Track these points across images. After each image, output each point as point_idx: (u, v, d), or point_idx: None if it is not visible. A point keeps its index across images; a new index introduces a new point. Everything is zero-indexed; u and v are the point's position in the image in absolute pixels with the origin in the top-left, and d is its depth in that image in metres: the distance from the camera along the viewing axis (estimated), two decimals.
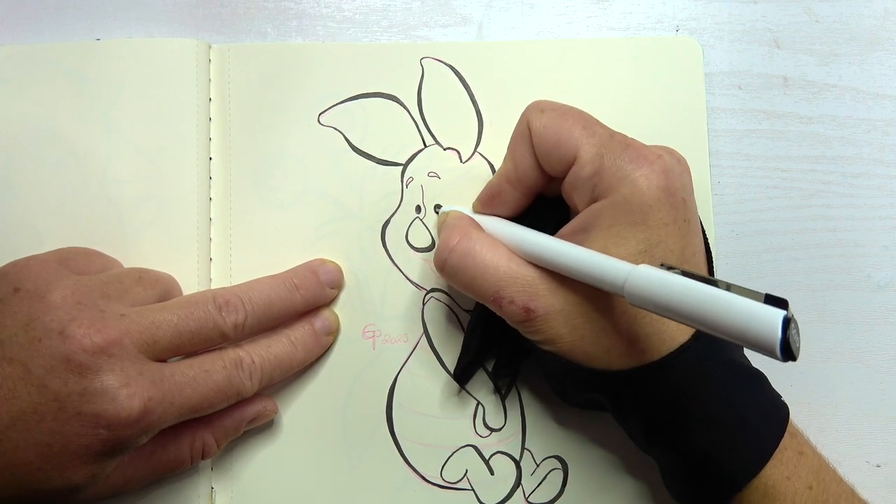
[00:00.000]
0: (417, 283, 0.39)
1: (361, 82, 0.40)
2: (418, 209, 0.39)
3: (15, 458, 0.29)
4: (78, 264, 0.35)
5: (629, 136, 0.32)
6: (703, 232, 0.33)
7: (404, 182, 0.40)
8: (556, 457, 0.39)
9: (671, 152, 0.32)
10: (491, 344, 0.37)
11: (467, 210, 0.37)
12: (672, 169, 0.31)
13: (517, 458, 0.38)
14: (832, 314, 0.40)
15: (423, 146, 0.40)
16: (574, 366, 0.32)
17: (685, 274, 0.26)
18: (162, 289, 0.35)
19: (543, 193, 0.35)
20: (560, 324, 0.31)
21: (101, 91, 0.39)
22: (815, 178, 0.41)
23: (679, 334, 0.31)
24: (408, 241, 0.39)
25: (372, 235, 0.39)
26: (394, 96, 0.40)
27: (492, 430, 0.38)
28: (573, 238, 0.31)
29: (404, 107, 0.40)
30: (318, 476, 0.38)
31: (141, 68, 0.39)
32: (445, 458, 0.38)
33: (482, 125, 0.40)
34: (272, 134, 0.39)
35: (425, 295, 0.39)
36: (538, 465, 0.38)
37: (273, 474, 0.38)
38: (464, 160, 0.40)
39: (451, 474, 0.38)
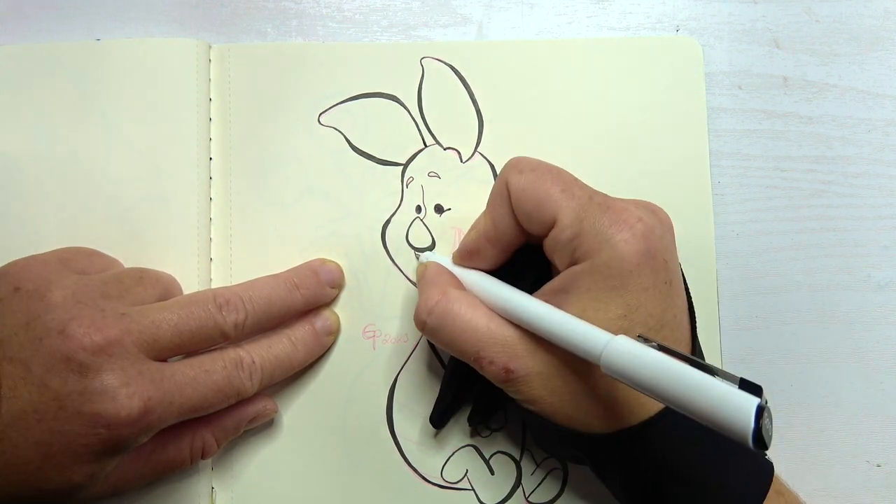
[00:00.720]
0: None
1: (361, 82, 0.40)
2: (418, 209, 0.39)
3: (15, 457, 0.29)
4: (79, 264, 0.34)
5: (608, 194, 0.32)
6: (687, 289, 0.33)
7: (404, 182, 0.39)
8: None
9: (654, 211, 0.32)
10: (467, 392, 0.37)
11: (446, 260, 0.36)
12: (653, 231, 0.30)
13: (517, 458, 0.38)
14: (832, 314, 0.40)
15: (423, 146, 0.40)
16: (555, 425, 0.32)
17: (661, 348, 0.26)
18: (162, 288, 0.35)
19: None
20: (540, 385, 0.31)
21: (101, 91, 0.39)
22: (815, 178, 0.41)
23: None
24: (408, 241, 0.39)
25: (372, 235, 0.39)
26: (394, 96, 0.40)
27: (492, 430, 0.38)
28: (553, 299, 0.31)
29: (404, 107, 0.40)
30: (319, 476, 0.38)
31: (141, 68, 0.39)
32: (446, 458, 0.38)
33: (482, 125, 0.40)
34: (272, 134, 0.39)
35: None
36: (538, 466, 0.38)
37: (273, 474, 0.38)
38: (464, 160, 0.40)
39: (452, 474, 0.38)
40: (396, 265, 0.39)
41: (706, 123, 0.40)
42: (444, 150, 0.40)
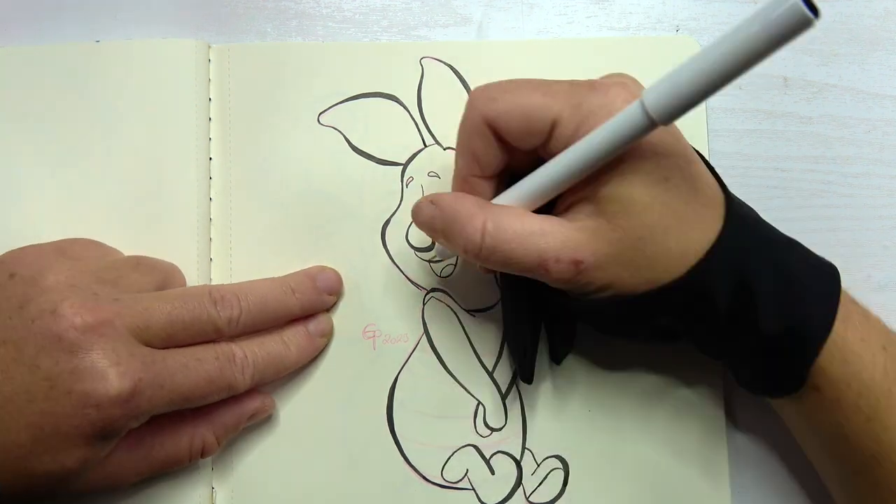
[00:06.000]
0: (417, 283, 0.39)
1: (361, 82, 0.40)
2: None
3: (7, 440, 0.29)
4: (75, 253, 0.35)
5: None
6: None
7: (404, 182, 0.40)
8: (557, 456, 0.38)
9: (633, 79, 0.32)
10: (537, 336, 0.36)
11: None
12: (637, 86, 0.31)
13: (518, 457, 0.38)
14: None
15: (423, 146, 0.40)
16: (635, 299, 0.31)
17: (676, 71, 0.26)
18: (160, 276, 0.35)
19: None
20: (611, 264, 0.31)
21: (101, 92, 0.39)
22: (815, 178, 0.41)
23: (713, 222, 0.31)
24: (408, 241, 0.39)
25: (372, 235, 0.39)
26: (394, 96, 0.40)
27: (492, 429, 0.38)
28: (590, 206, 0.31)
29: (404, 107, 0.40)
30: (319, 476, 0.38)
31: (141, 69, 0.39)
32: (446, 457, 0.38)
33: None
34: (272, 134, 0.39)
35: (425, 295, 0.39)
36: (539, 465, 0.38)
37: (273, 474, 0.38)
38: None
39: (452, 474, 0.38)
40: (396, 265, 0.39)
41: (706, 123, 0.40)
42: (444, 150, 0.40)
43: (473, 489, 0.38)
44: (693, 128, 0.40)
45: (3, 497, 0.30)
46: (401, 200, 0.39)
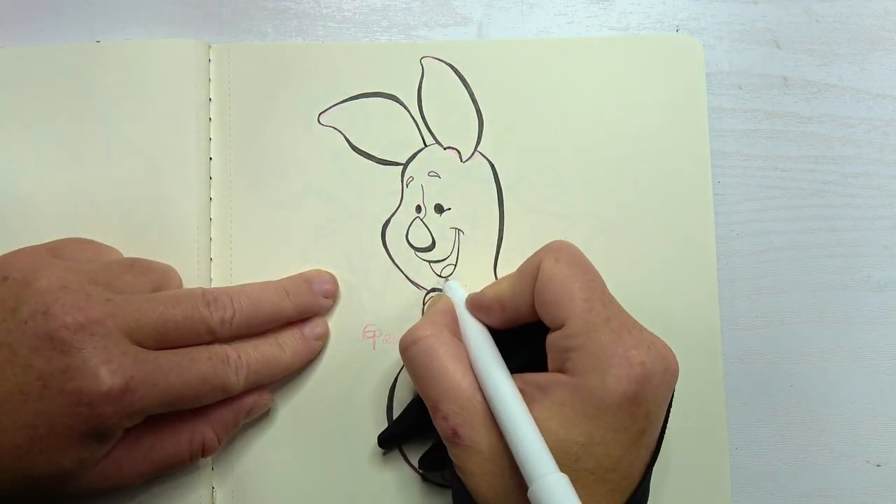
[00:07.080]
0: (417, 282, 0.39)
1: (361, 82, 0.40)
2: (418, 209, 0.39)
3: (3, 441, 0.29)
4: (69, 252, 0.35)
5: (631, 316, 0.31)
6: (664, 431, 0.32)
7: (404, 182, 0.40)
8: None
9: (664, 357, 0.31)
10: (427, 429, 0.35)
11: (463, 295, 0.35)
12: (650, 379, 0.30)
13: None
14: (832, 314, 0.40)
15: (423, 146, 0.40)
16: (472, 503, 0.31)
17: None
18: (155, 277, 0.35)
19: None
20: (477, 462, 0.31)
21: (101, 92, 0.39)
22: (815, 178, 0.41)
23: None
24: (408, 241, 0.39)
25: (372, 235, 0.39)
26: (394, 96, 0.40)
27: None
28: (530, 390, 0.31)
29: (404, 106, 0.40)
30: (319, 476, 0.38)
31: (141, 69, 0.39)
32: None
33: (482, 124, 0.40)
34: (272, 134, 0.39)
35: (425, 295, 0.39)
36: None
37: (273, 474, 0.38)
38: (464, 159, 0.40)
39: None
40: (396, 265, 0.39)
41: (707, 123, 0.40)
42: (444, 149, 0.40)
43: None
44: (693, 128, 0.40)
45: (3, 500, 0.30)
46: (401, 200, 0.39)
